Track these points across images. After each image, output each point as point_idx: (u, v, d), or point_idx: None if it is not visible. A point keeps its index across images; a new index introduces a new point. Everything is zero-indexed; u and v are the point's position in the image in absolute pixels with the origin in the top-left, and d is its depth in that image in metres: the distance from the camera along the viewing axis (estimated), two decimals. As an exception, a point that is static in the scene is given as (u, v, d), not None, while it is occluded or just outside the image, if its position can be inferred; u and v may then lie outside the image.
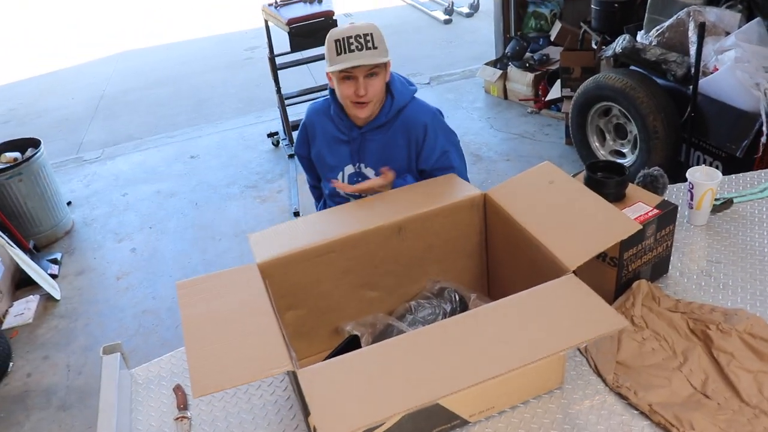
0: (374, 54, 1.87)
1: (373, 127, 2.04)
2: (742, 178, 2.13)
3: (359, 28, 1.87)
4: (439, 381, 1.13)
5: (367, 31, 1.86)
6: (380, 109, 2.03)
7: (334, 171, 2.14)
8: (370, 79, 1.91)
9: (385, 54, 1.90)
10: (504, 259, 1.68)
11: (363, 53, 1.85)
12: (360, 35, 1.85)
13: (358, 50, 1.85)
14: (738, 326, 1.47)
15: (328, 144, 2.13)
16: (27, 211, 3.99)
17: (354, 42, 1.85)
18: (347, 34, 1.85)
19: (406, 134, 2.06)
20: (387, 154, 2.07)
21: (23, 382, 3.09)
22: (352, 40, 1.85)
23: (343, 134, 2.08)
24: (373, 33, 1.87)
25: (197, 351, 1.21)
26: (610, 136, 3.95)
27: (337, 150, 2.12)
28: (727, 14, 3.49)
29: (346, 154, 2.11)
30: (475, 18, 7.97)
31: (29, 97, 7.21)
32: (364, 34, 1.85)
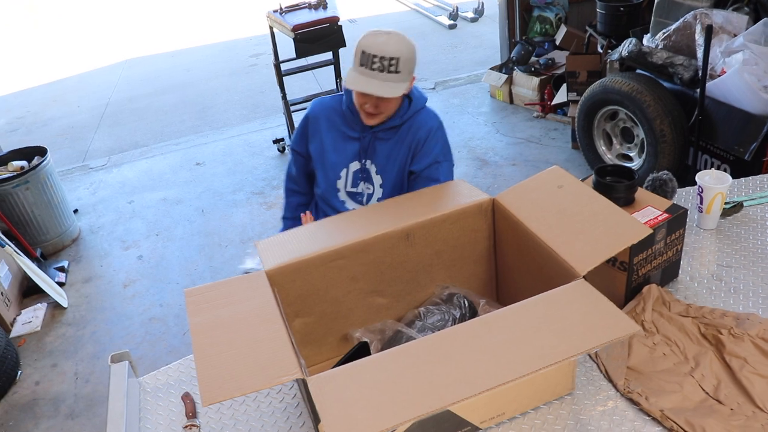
0: (391, 79, 1.83)
1: (386, 127, 2.04)
2: (752, 181, 2.11)
3: (390, 47, 1.81)
4: (449, 387, 1.12)
5: (395, 54, 1.81)
6: (396, 112, 2.02)
7: (335, 168, 2.11)
8: (382, 101, 1.90)
9: (405, 79, 1.87)
10: (513, 265, 1.67)
11: (382, 75, 1.82)
12: (386, 57, 1.80)
13: (379, 71, 1.81)
14: (750, 331, 1.46)
15: (333, 139, 2.10)
16: (34, 219, 4.00)
17: (378, 62, 1.81)
18: (375, 52, 1.81)
19: (411, 136, 2.06)
20: (393, 154, 2.08)
21: (31, 390, 3.09)
22: (376, 59, 1.81)
23: (354, 131, 2.07)
24: (401, 58, 1.82)
25: (206, 359, 1.20)
26: (617, 140, 3.94)
27: (343, 146, 2.09)
28: (734, 16, 3.48)
29: (353, 151, 2.09)
30: (479, 23, 7.97)
31: (36, 105, 7.24)
32: (390, 57, 1.81)
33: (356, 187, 2.13)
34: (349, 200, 2.15)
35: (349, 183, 2.13)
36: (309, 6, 4.52)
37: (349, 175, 2.11)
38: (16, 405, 3.01)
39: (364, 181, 2.11)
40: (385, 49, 1.81)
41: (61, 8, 12.08)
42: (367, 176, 2.10)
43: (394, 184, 2.10)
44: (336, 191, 2.14)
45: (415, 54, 1.91)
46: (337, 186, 2.14)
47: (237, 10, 10.24)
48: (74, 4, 12.16)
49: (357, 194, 2.14)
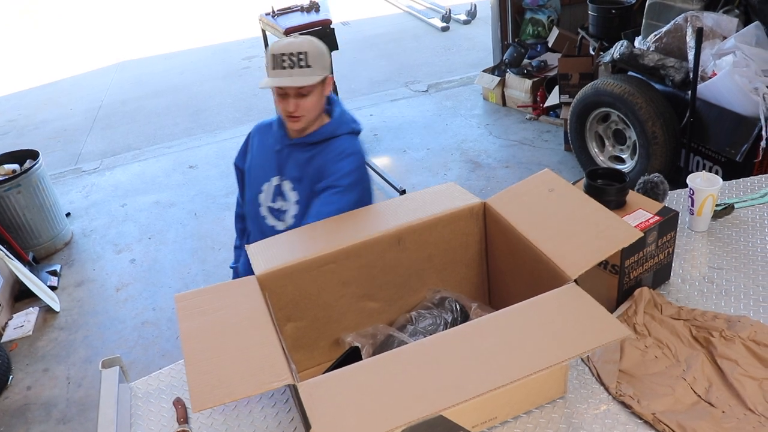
0: (304, 73, 1.85)
1: (300, 142, 2.01)
2: (743, 183, 2.12)
3: (295, 45, 1.85)
4: (441, 392, 1.12)
5: (301, 49, 1.84)
6: (318, 127, 2.00)
7: (258, 182, 2.11)
8: (301, 98, 1.89)
9: (318, 72, 1.88)
10: (505, 269, 1.67)
11: (294, 71, 1.85)
12: (294, 53, 1.84)
13: (289, 68, 1.84)
14: (741, 333, 1.46)
15: (260, 154, 2.12)
16: (26, 223, 3.98)
17: (287, 60, 1.84)
18: (282, 51, 1.84)
19: (324, 157, 2.00)
20: (306, 171, 2.01)
21: (23, 395, 3.08)
22: (285, 57, 1.84)
23: (277, 144, 2.06)
24: (309, 51, 1.85)
25: (196, 365, 1.19)
26: (609, 142, 3.95)
27: (268, 160, 2.08)
28: (724, 19, 3.49)
29: (273, 165, 2.07)
30: (472, 25, 7.98)
31: (28, 108, 7.21)
32: (298, 52, 1.84)
33: (275, 202, 2.09)
34: (269, 216, 2.11)
35: (269, 198, 2.09)
36: (301, 9, 4.52)
37: (270, 189, 2.08)
38: (7, 410, 3.00)
39: (278, 196, 2.07)
40: (292, 46, 1.85)
41: (53, 11, 12.04)
42: (280, 192, 2.06)
43: (308, 201, 2.03)
44: (258, 206, 2.11)
45: (325, 52, 1.92)
46: (259, 200, 2.11)
47: (230, 13, 10.22)
48: (67, 7, 12.13)
49: (275, 210, 2.09)
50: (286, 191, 2.05)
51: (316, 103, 1.94)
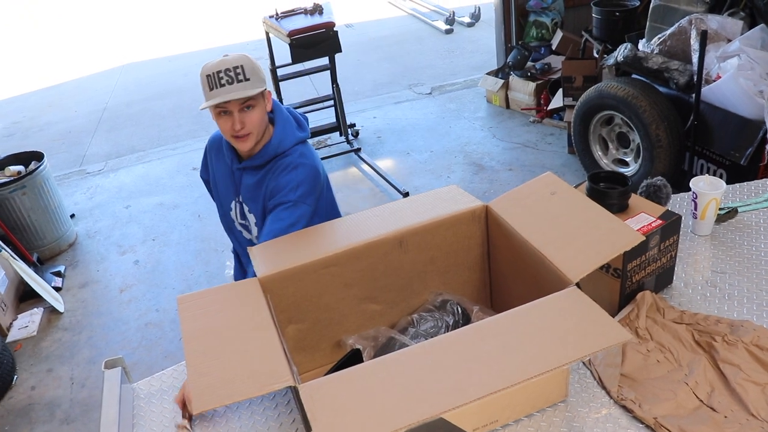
0: (245, 86, 1.82)
1: (248, 165, 1.99)
2: (747, 187, 2.12)
3: (229, 61, 1.82)
4: (442, 395, 1.12)
5: (236, 63, 1.82)
6: (264, 144, 1.97)
7: (227, 200, 2.12)
8: (246, 113, 1.85)
9: (258, 85, 1.86)
10: (506, 272, 1.67)
11: (233, 86, 1.81)
12: (230, 68, 1.81)
13: (228, 83, 1.81)
14: (744, 338, 1.46)
15: (221, 172, 2.11)
16: (31, 224, 3.99)
17: (224, 76, 1.81)
18: (217, 69, 1.81)
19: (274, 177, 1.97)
20: (256, 194, 2.01)
21: (27, 395, 3.09)
22: (222, 74, 1.81)
23: (229, 167, 2.06)
24: (244, 65, 1.82)
25: (198, 366, 1.20)
26: (613, 145, 3.94)
27: (227, 179, 2.09)
28: (729, 22, 3.49)
29: (231, 186, 2.08)
30: (476, 28, 7.98)
31: (32, 110, 7.24)
32: (234, 66, 1.81)
33: (243, 219, 2.10)
34: (243, 230, 2.13)
35: (238, 215, 2.11)
36: (305, 11, 4.52)
37: (237, 207, 2.10)
38: (11, 410, 3.01)
39: (243, 217, 2.09)
40: (226, 63, 1.82)
41: (57, 13, 12.09)
42: (243, 216, 2.08)
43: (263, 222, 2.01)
44: (231, 221, 2.13)
45: (259, 65, 1.90)
46: (231, 216, 2.12)
47: (233, 15, 10.25)
48: (70, 10, 12.17)
49: (246, 226, 2.11)
50: (245, 213, 2.06)
51: (261, 118, 1.90)
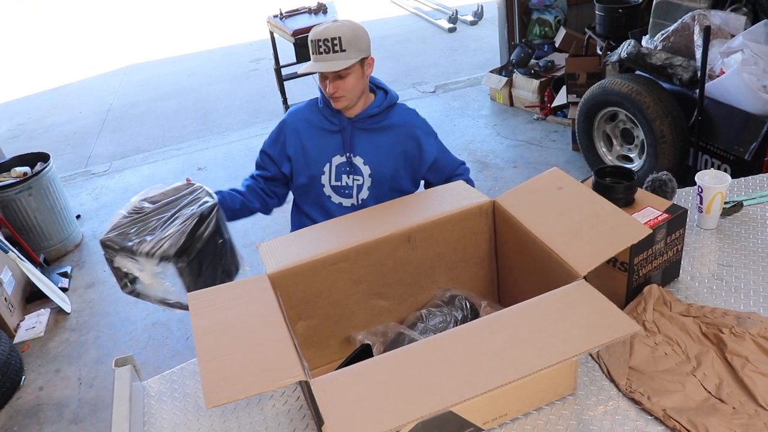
0: (339, 57, 1.95)
1: (364, 116, 2.11)
2: (752, 180, 2.12)
3: (331, 30, 1.95)
4: (451, 388, 1.13)
5: (335, 34, 1.94)
6: (372, 101, 2.14)
7: (318, 163, 2.16)
8: (339, 80, 1.99)
9: (354, 56, 1.97)
10: (514, 267, 1.67)
11: (329, 56, 1.95)
12: (329, 39, 1.94)
13: (325, 53, 1.95)
14: (751, 330, 1.46)
15: (313, 137, 2.16)
16: (37, 225, 4.01)
17: (322, 45, 1.95)
18: (318, 37, 1.95)
19: (397, 139, 2.15)
20: (377, 150, 2.14)
21: (35, 395, 3.10)
22: (320, 43, 1.95)
23: (333, 124, 2.14)
24: (342, 36, 1.94)
25: (209, 362, 1.21)
26: (617, 141, 3.95)
27: (323, 141, 2.15)
28: (732, 17, 3.49)
29: (335, 144, 2.15)
30: (479, 26, 7.99)
31: (37, 111, 7.26)
32: (332, 38, 1.93)
33: (339, 180, 2.17)
34: (334, 194, 2.19)
35: (333, 177, 2.17)
36: (309, 11, 4.54)
37: (332, 169, 2.16)
38: (20, 410, 3.02)
39: (348, 174, 2.16)
40: (326, 33, 1.95)
41: (62, 15, 12.12)
42: (352, 169, 2.15)
43: (383, 175, 2.15)
44: (321, 186, 2.18)
45: (361, 34, 2.01)
46: (322, 181, 2.17)
47: (237, 15, 10.27)
48: (74, 12, 12.20)
49: (341, 188, 2.18)
50: (358, 166, 2.14)
51: (355, 84, 2.03)
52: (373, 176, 2.14)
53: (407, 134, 2.16)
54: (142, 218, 1.73)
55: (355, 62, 1.98)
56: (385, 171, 2.15)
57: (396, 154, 2.15)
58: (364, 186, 2.16)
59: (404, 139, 2.16)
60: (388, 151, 2.15)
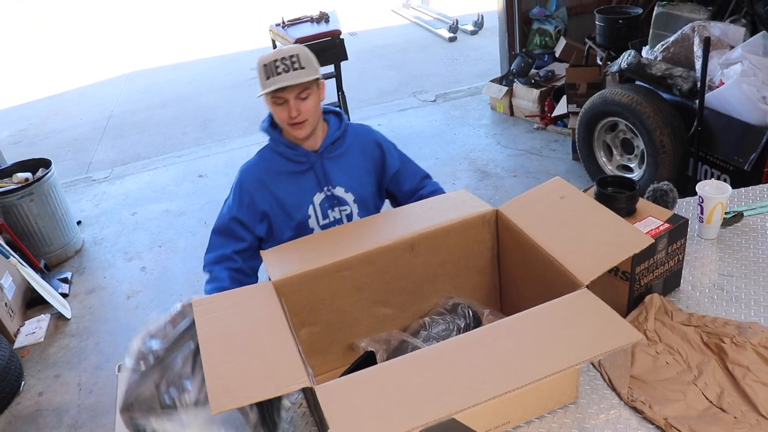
0: (301, 74, 1.88)
1: (327, 144, 2.04)
2: (752, 191, 2.13)
3: (284, 51, 1.89)
4: (454, 396, 1.14)
5: (292, 53, 1.89)
6: (328, 126, 2.07)
7: (301, 208, 2.05)
8: (301, 102, 1.91)
9: (313, 73, 1.91)
10: (516, 275, 1.68)
11: (289, 74, 1.87)
12: (285, 57, 1.87)
13: (284, 71, 1.87)
14: (752, 339, 1.47)
15: (284, 184, 2.04)
16: (38, 231, 4.02)
17: (280, 65, 1.87)
18: (273, 58, 1.88)
19: (363, 155, 2.10)
20: (351, 173, 2.08)
21: (35, 401, 3.10)
22: (278, 63, 1.87)
23: (302, 163, 2.03)
24: (299, 54, 1.89)
25: (214, 367, 1.21)
26: (617, 151, 3.96)
27: (297, 185, 2.04)
28: (731, 28, 3.52)
29: (311, 183, 2.05)
30: (479, 35, 8.02)
31: (38, 118, 7.28)
32: (290, 56, 1.88)
33: (327, 218, 2.08)
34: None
35: (320, 217, 2.08)
36: (311, 20, 4.57)
37: (316, 209, 2.07)
38: (19, 416, 3.02)
39: (333, 207, 2.08)
40: (281, 53, 1.89)
41: (62, 21, 12.16)
42: (336, 201, 2.07)
43: (366, 195, 2.11)
44: (310, 231, 2.08)
45: (313, 56, 1.96)
46: (310, 225, 2.07)
47: (238, 23, 10.30)
48: (76, 19, 12.24)
49: (331, 224, 2.09)
50: (341, 196, 2.08)
51: (315, 107, 1.97)
52: (358, 201, 2.09)
53: (371, 147, 2.12)
54: (158, 364, 1.38)
55: (315, 78, 1.92)
56: (366, 191, 2.11)
57: (369, 170, 2.12)
58: (353, 213, 2.10)
59: (369, 153, 2.12)
60: (360, 171, 2.10)
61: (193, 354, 1.34)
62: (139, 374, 1.37)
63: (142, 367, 1.37)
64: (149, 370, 1.36)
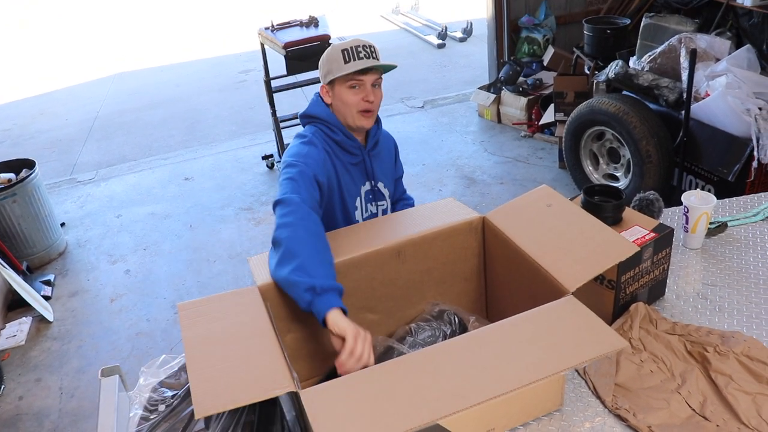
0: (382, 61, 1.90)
1: (372, 144, 2.05)
2: (736, 202, 2.16)
3: (362, 40, 1.90)
4: (439, 402, 1.13)
5: (370, 43, 1.90)
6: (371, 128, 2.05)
7: (352, 195, 2.01)
8: (375, 90, 1.92)
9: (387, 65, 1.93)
10: (502, 282, 1.69)
11: (373, 61, 1.87)
12: (366, 45, 1.88)
13: (366, 57, 1.86)
14: (735, 348, 1.48)
15: (345, 169, 1.99)
16: (21, 232, 3.98)
17: (362, 51, 1.86)
18: (354, 44, 1.87)
19: (388, 154, 2.16)
20: (386, 171, 2.14)
21: (15, 405, 3.06)
22: (360, 49, 1.86)
23: (356, 156, 2.00)
24: (375, 46, 1.91)
25: (199, 372, 1.21)
26: (604, 160, 3.99)
27: (351, 175, 2.01)
28: (717, 41, 3.56)
29: (360, 175, 2.04)
30: (468, 42, 8.06)
31: (23, 118, 7.21)
32: (369, 45, 1.88)
33: (367, 211, 2.09)
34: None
35: (363, 210, 2.07)
36: (300, 24, 4.56)
37: (362, 201, 2.06)
38: (-1, 420, 2.98)
39: (372, 201, 2.09)
40: (359, 41, 1.89)
41: (52, 21, 12.08)
42: (377, 195, 2.09)
43: (393, 193, 2.19)
44: (354, 222, 2.03)
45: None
46: (355, 218, 2.04)
47: (226, 26, 10.28)
48: (64, 19, 12.16)
49: (368, 218, 2.09)
50: (381, 190, 2.10)
51: (381, 100, 1.97)
52: (390, 197, 2.15)
53: (392, 151, 2.19)
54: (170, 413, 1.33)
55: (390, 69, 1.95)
56: (393, 188, 2.18)
57: (390, 162, 2.18)
58: (388, 209, 2.14)
59: (391, 156, 2.18)
60: (390, 169, 2.16)
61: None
62: (150, 424, 1.35)
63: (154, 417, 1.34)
64: (161, 420, 1.34)
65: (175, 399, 1.36)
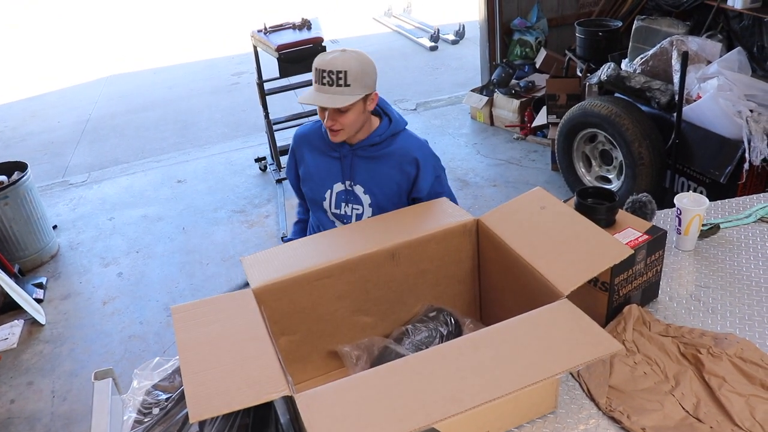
0: (343, 92, 1.86)
1: (365, 145, 2.04)
2: (728, 203, 2.17)
3: (337, 62, 1.85)
4: (435, 405, 1.14)
5: (342, 67, 1.84)
6: (375, 128, 2.05)
7: (322, 188, 2.12)
8: (339, 115, 1.91)
9: (358, 92, 1.88)
10: (497, 285, 1.69)
11: (332, 89, 1.86)
12: (333, 71, 1.84)
13: (328, 85, 1.85)
14: (728, 350, 1.49)
15: (316, 160, 2.12)
16: (12, 235, 3.95)
17: (326, 77, 1.85)
18: (324, 67, 1.86)
19: (398, 167, 2.06)
20: (377, 178, 2.08)
21: (6, 408, 3.04)
22: (325, 74, 1.85)
23: (334, 150, 2.08)
24: (349, 71, 1.85)
25: (193, 375, 1.20)
26: (596, 162, 4.00)
27: (326, 166, 2.11)
28: (708, 44, 3.58)
29: (335, 171, 2.09)
30: (460, 45, 8.07)
31: (15, 120, 7.17)
32: (338, 71, 1.84)
33: (339, 209, 2.12)
34: (337, 221, 2.16)
35: (333, 205, 2.12)
36: (293, 26, 4.56)
37: (332, 196, 2.11)
38: (-10, 424, 2.97)
39: (348, 202, 2.11)
40: (334, 63, 1.86)
41: (44, 24, 12.02)
42: (352, 197, 2.09)
43: (384, 204, 2.08)
44: (323, 212, 2.16)
45: (369, 70, 1.92)
46: (324, 207, 2.14)
47: (219, 28, 10.26)
48: (55, 21, 12.11)
49: (342, 216, 2.14)
50: (358, 195, 2.09)
51: (355, 119, 1.95)
52: (374, 206, 2.09)
53: (409, 164, 2.06)
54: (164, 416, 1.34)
55: (357, 99, 1.89)
56: (387, 200, 2.09)
57: (398, 183, 2.08)
58: (363, 216, 2.10)
59: (406, 170, 2.06)
60: (389, 181, 2.07)
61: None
62: (144, 427, 1.35)
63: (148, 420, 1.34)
64: (156, 423, 1.35)
65: (169, 402, 1.38)
